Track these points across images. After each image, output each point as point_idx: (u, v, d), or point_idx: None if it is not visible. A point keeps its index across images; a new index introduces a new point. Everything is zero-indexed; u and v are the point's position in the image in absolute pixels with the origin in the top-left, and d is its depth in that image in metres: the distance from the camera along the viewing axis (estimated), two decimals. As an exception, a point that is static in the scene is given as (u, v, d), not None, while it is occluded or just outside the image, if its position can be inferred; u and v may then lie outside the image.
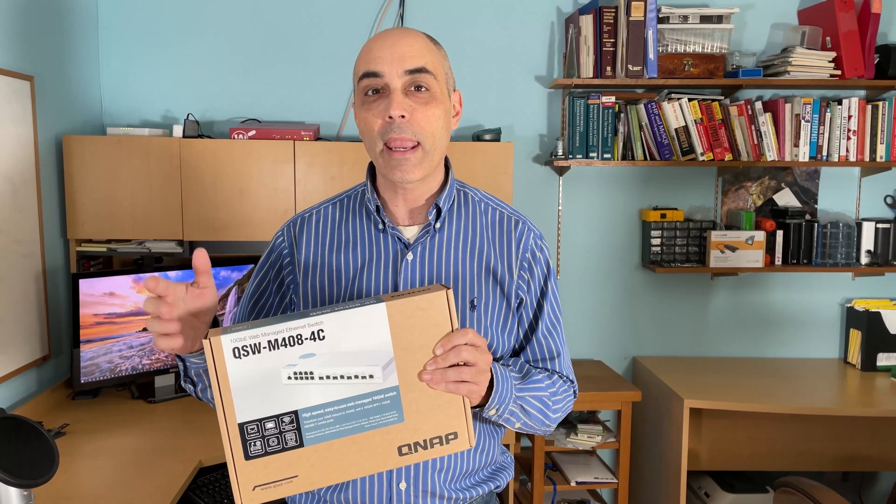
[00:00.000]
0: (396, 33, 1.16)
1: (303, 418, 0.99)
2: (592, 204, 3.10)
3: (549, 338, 1.28)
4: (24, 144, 2.29)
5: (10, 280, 2.22)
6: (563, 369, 1.29)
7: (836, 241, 3.01)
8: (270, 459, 1.00)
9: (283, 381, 0.99)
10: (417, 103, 1.13)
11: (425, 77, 1.13)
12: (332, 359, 0.99)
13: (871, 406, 2.64)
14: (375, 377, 1.00)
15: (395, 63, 1.12)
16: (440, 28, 2.96)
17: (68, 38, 2.62)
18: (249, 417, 0.98)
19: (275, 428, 0.99)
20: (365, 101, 1.15)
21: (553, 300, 1.28)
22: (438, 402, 1.03)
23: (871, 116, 2.90)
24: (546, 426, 1.25)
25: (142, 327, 2.49)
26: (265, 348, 0.98)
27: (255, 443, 0.99)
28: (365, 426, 1.01)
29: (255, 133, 2.65)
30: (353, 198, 1.29)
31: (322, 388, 0.99)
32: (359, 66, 1.16)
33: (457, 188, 1.28)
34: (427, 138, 1.14)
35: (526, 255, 1.25)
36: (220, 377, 0.97)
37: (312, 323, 0.99)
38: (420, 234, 1.22)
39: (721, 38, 2.85)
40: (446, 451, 1.04)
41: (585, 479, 2.79)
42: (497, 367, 1.12)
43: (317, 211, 1.29)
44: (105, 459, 2.00)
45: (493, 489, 1.30)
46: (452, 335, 1.02)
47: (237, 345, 0.97)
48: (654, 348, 3.19)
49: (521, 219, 1.29)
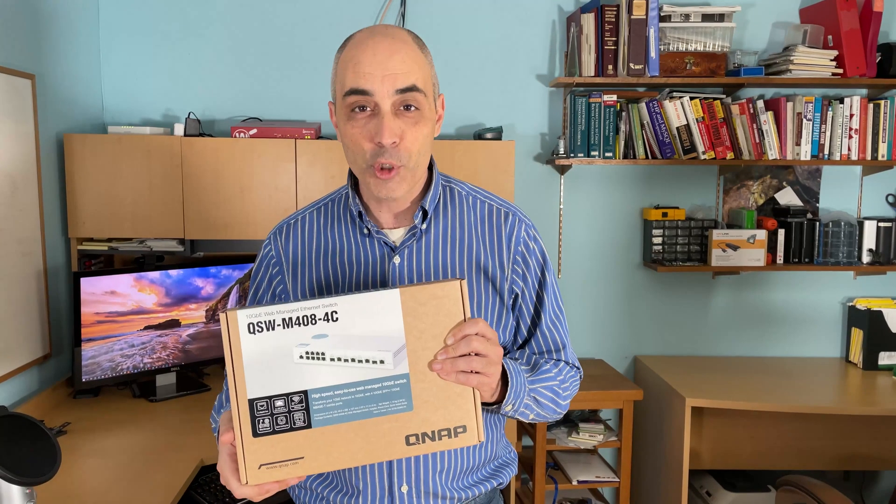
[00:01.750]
0: (386, 45, 1.10)
1: (312, 399, 1.00)
2: (594, 203, 3.10)
3: (553, 329, 1.27)
4: (25, 143, 2.29)
5: (12, 279, 2.22)
6: (569, 359, 1.29)
7: (837, 240, 3.01)
8: (278, 438, 1.00)
9: (294, 359, 1.00)
10: (407, 125, 1.11)
11: (415, 95, 1.10)
12: (343, 341, 1.00)
13: (873, 405, 2.64)
14: (386, 363, 1.01)
15: (387, 82, 1.08)
16: (441, 27, 2.96)
17: (69, 37, 2.62)
18: (260, 394, 1.00)
19: (284, 407, 1.00)
20: (351, 117, 1.11)
21: (553, 291, 1.27)
22: (448, 393, 1.03)
23: (873, 115, 2.90)
24: (557, 413, 1.25)
25: (143, 326, 2.49)
26: (279, 325, 0.99)
27: (264, 420, 1.00)
28: (373, 412, 1.01)
29: (256, 132, 2.65)
30: (335, 202, 1.27)
31: (332, 369, 1.00)
32: (345, 77, 1.11)
33: (442, 184, 1.26)
34: (412, 158, 1.12)
35: (519, 248, 1.23)
36: (233, 352, 0.99)
37: (326, 304, 1.00)
38: (406, 237, 1.20)
39: (723, 36, 2.85)
40: (454, 445, 1.04)
41: (587, 477, 2.79)
42: (509, 362, 1.11)
43: (301, 217, 1.28)
44: (106, 458, 2.00)
45: (497, 486, 1.30)
46: (463, 325, 1.02)
47: (252, 320, 0.99)
48: (656, 347, 3.19)
49: (511, 210, 1.26)
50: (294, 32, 2.93)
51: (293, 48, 2.93)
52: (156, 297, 2.51)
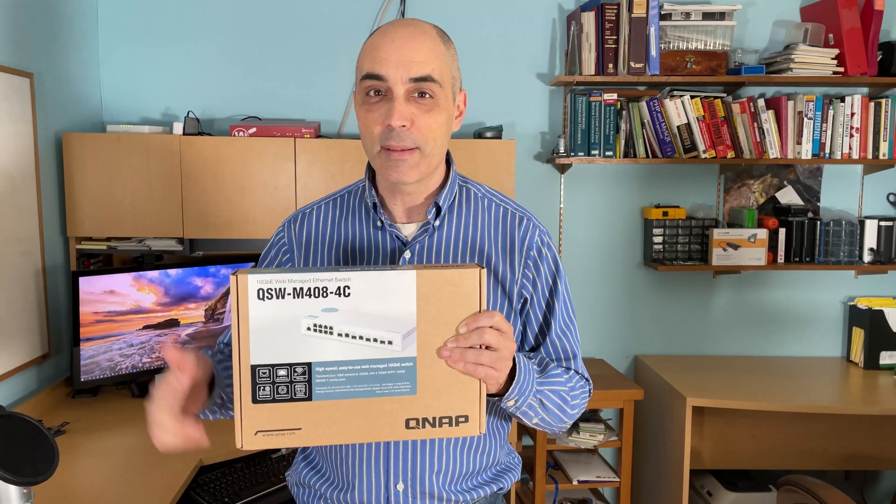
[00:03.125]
0: (405, 31, 1.12)
1: (315, 372, 0.99)
2: (594, 202, 3.09)
3: (563, 338, 1.25)
4: (23, 142, 2.28)
5: (10, 278, 2.21)
6: (579, 369, 1.26)
7: (838, 239, 3.00)
8: (277, 407, 0.99)
9: (301, 331, 0.98)
10: (420, 110, 1.11)
11: (430, 85, 1.10)
12: (353, 317, 0.99)
13: (874, 404, 2.63)
14: (394, 344, 1.00)
15: (401, 68, 1.08)
16: (441, 25, 2.94)
17: (68, 35, 2.61)
18: (263, 361, 0.99)
19: (286, 376, 0.99)
20: (366, 101, 1.12)
21: (565, 299, 1.25)
22: (454, 381, 1.01)
23: (874, 114, 2.90)
24: (563, 423, 1.22)
25: (142, 325, 2.48)
26: (289, 294, 0.98)
27: (265, 387, 0.99)
28: (376, 392, 1.00)
29: (255, 131, 2.64)
30: (352, 194, 1.27)
31: (339, 345, 0.99)
32: (363, 62, 1.13)
33: (459, 184, 1.26)
34: (427, 143, 1.12)
35: (531, 253, 1.22)
36: (241, 317, 0.98)
37: (340, 278, 0.98)
38: (418, 233, 1.20)
39: (723, 35, 2.85)
40: (455, 434, 1.03)
41: (587, 477, 2.79)
42: (521, 357, 1.09)
43: (317, 207, 1.28)
44: (105, 458, 1.99)
45: (497, 491, 1.27)
46: (479, 316, 0.99)
47: (263, 286, 0.97)
48: (657, 346, 3.18)
49: (526, 215, 1.26)
50: (294, 31, 2.92)
51: (293, 47, 2.93)
52: (155, 297, 2.50)
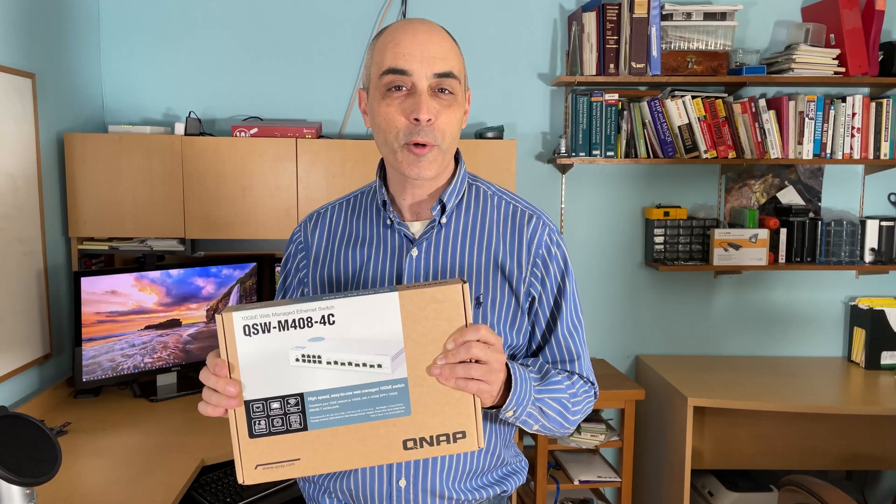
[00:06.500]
0: (426, 30, 1.15)
1: (308, 402, 1.00)
2: (595, 202, 3.09)
3: (569, 339, 1.24)
4: (25, 142, 2.28)
5: (12, 278, 2.21)
6: (583, 371, 1.26)
7: (839, 240, 3.00)
8: (274, 440, 1.00)
9: (290, 362, 0.99)
10: (441, 106, 1.13)
11: (451, 81, 1.14)
12: (340, 344, 0.99)
13: (875, 404, 2.63)
14: (384, 367, 1.00)
15: (426, 64, 1.11)
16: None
17: (70, 36, 2.61)
18: (255, 396, 0.99)
19: (280, 409, 1.00)
20: (387, 96, 1.13)
21: (573, 300, 1.25)
22: (448, 398, 1.01)
23: (875, 114, 2.89)
24: (564, 428, 1.21)
25: (143, 325, 2.48)
26: (275, 328, 0.99)
27: (260, 422, 1.00)
28: (370, 416, 1.01)
29: (257, 131, 2.65)
30: (365, 194, 1.30)
31: (329, 373, 1.00)
32: (384, 57, 1.14)
33: (468, 182, 1.27)
34: (445, 139, 1.15)
35: (539, 251, 1.22)
36: (229, 354, 0.99)
37: (323, 307, 0.99)
38: (426, 230, 1.21)
39: (724, 35, 2.85)
40: (453, 450, 1.03)
41: (589, 477, 2.79)
42: (516, 367, 1.09)
43: (332, 207, 1.31)
44: (107, 458, 2.00)
45: (501, 493, 1.27)
46: (465, 331, 1.00)
47: (248, 322, 0.98)
48: (658, 347, 3.18)
49: (536, 213, 1.25)
50: (294, 31, 2.92)
51: (294, 47, 2.93)
52: (156, 297, 2.50)
